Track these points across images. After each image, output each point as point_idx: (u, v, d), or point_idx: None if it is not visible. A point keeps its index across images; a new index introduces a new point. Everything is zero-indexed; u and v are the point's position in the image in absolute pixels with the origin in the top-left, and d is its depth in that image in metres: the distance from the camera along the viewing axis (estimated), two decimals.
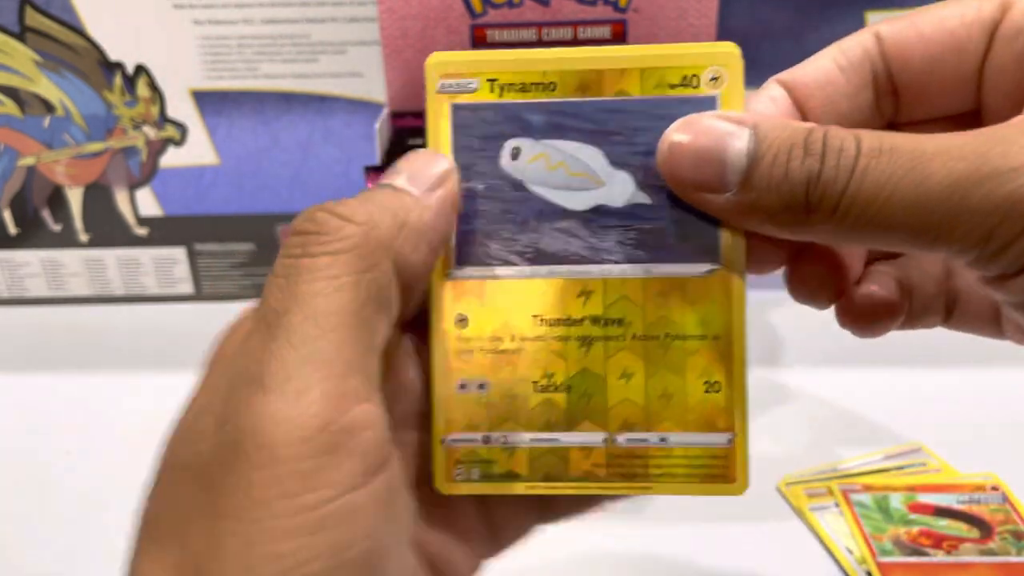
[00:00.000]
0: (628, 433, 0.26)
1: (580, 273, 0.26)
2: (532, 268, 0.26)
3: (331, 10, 0.59)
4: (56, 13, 0.59)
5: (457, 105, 0.25)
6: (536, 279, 0.26)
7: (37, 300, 0.69)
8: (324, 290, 0.21)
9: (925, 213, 0.21)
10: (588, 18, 0.54)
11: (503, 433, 0.26)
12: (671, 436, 0.26)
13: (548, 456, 0.26)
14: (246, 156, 0.64)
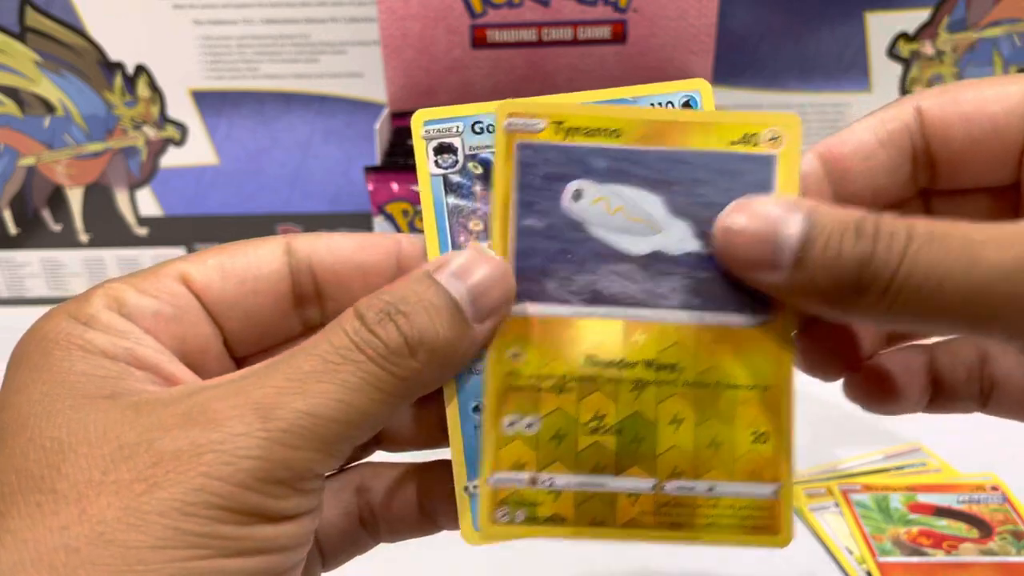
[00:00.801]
0: (676, 481, 0.25)
1: (635, 316, 0.25)
2: (589, 308, 0.25)
3: (331, 10, 0.59)
4: (56, 13, 0.59)
5: (523, 144, 0.25)
6: (592, 319, 0.25)
7: (37, 300, 0.69)
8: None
9: (976, 299, 0.21)
10: (588, 18, 0.54)
11: (550, 475, 0.25)
12: (718, 485, 0.25)
13: (595, 501, 0.25)
14: (246, 156, 0.64)
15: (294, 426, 0.20)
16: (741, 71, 0.61)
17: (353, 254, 0.25)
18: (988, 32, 0.60)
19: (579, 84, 0.56)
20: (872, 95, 0.62)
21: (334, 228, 0.66)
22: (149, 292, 0.23)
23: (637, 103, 0.25)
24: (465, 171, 0.25)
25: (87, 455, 0.20)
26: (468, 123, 0.25)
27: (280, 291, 0.25)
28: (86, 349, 0.22)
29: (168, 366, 0.23)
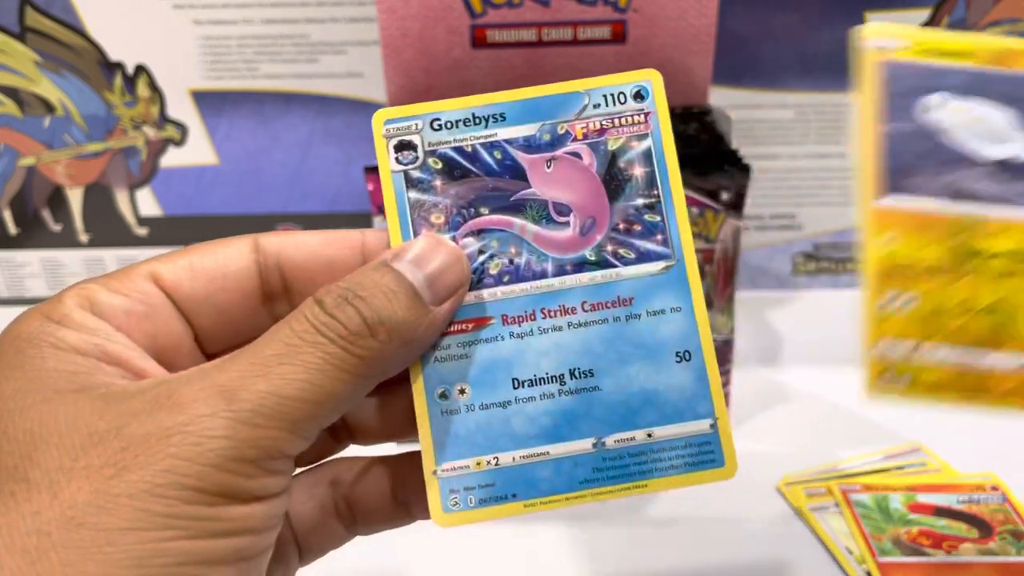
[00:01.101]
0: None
1: (997, 211, 0.29)
2: (954, 204, 0.29)
3: (331, 10, 0.59)
4: (56, 13, 0.59)
5: (888, 62, 0.30)
6: (957, 215, 0.29)
7: (37, 300, 0.69)
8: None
9: None
10: (588, 18, 0.54)
11: (932, 345, 0.29)
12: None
13: (973, 373, 0.29)
14: (246, 156, 0.64)
15: (259, 406, 0.21)
16: (741, 71, 0.61)
17: (319, 249, 0.26)
18: (988, 32, 0.60)
19: None
20: None
21: (335, 228, 0.66)
22: (120, 291, 0.24)
23: (588, 95, 0.27)
24: (425, 166, 0.26)
25: (58, 444, 0.21)
26: (427, 120, 0.26)
27: (249, 288, 0.26)
28: (57, 346, 0.22)
29: (138, 361, 0.23)
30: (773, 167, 0.65)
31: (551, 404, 0.25)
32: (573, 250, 0.26)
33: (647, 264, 0.26)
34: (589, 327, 0.26)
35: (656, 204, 0.26)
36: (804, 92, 0.62)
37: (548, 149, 0.26)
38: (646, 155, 0.26)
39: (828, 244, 0.67)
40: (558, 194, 0.26)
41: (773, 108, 0.63)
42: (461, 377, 0.25)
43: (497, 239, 0.26)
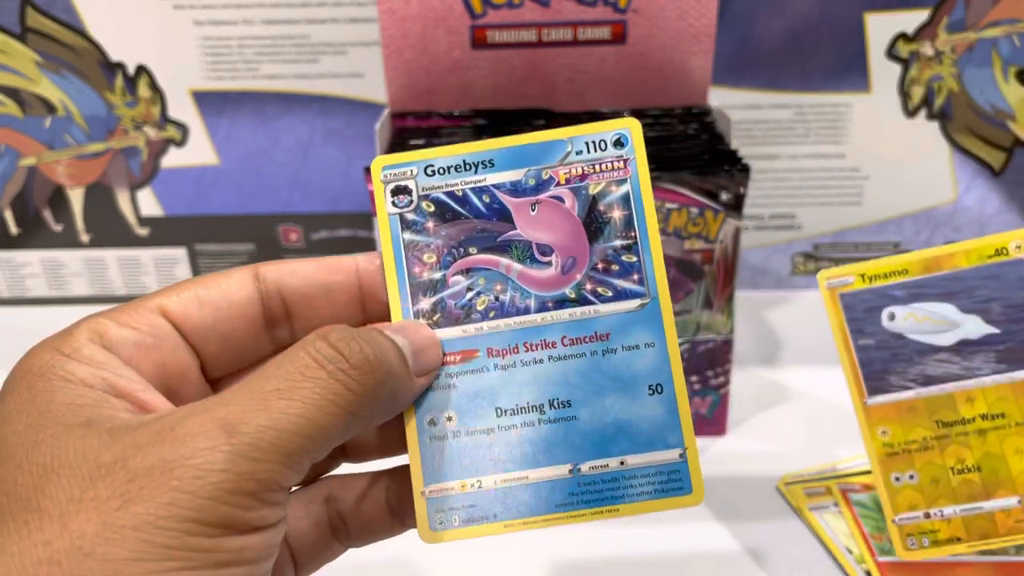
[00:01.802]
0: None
1: (963, 387, 0.37)
2: (925, 388, 0.38)
3: (331, 11, 0.60)
4: (57, 14, 0.59)
5: (843, 294, 0.39)
6: (931, 396, 0.38)
7: (38, 300, 0.69)
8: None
9: None
10: (588, 19, 0.54)
11: (939, 508, 0.37)
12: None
13: (979, 520, 0.37)
14: (246, 156, 0.64)
15: (258, 440, 0.22)
16: (741, 71, 0.61)
17: (316, 275, 0.27)
18: (987, 32, 0.60)
19: (579, 84, 0.56)
20: (871, 95, 0.62)
21: (335, 228, 0.66)
22: (129, 324, 0.25)
23: (571, 142, 0.28)
24: (419, 209, 0.28)
25: (68, 476, 0.21)
26: (421, 166, 0.28)
27: (252, 315, 0.27)
28: (67, 379, 0.23)
29: (142, 394, 0.24)
30: (772, 167, 0.65)
31: (531, 432, 0.27)
32: (554, 288, 0.28)
33: (623, 302, 0.28)
34: (568, 360, 0.27)
35: (633, 245, 0.28)
36: (803, 92, 0.62)
37: (533, 193, 0.28)
38: (624, 199, 0.28)
39: (827, 244, 0.67)
40: (541, 236, 0.28)
41: (773, 108, 0.63)
42: (449, 405, 0.27)
43: (484, 277, 0.28)
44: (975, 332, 0.37)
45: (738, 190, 0.47)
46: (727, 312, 0.49)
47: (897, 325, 0.38)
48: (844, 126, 0.63)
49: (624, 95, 0.56)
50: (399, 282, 0.28)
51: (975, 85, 0.62)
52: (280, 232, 0.66)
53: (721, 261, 0.48)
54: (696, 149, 0.50)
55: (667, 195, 0.46)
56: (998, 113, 0.63)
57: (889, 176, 0.65)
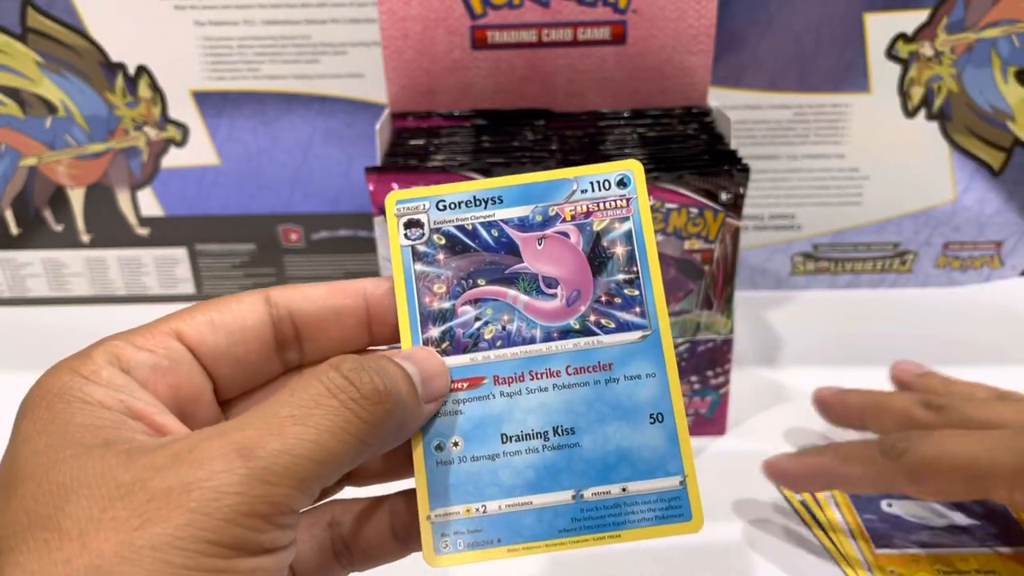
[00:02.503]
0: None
1: (957, 551, 0.43)
2: (925, 549, 0.43)
3: (332, 11, 0.60)
4: (58, 14, 0.59)
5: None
6: (930, 553, 0.43)
7: (39, 300, 0.69)
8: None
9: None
10: (588, 19, 0.54)
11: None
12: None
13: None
14: (247, 157, 0.64)
15: (273, 464, 0.22)
16: (740, 72, 0.62)
17: (326, 299, 0.28)
18: (987, 33, 0.60)
19: (579, 85, 0.56)
20: (871, 96, 0.62)
21: (335, 228, 0.66)
22: (146, 347, 0.26)
23: (576, 182, 0.29)
24: (430, 242, 0.29)
25: (88, 496, 0.22)
26: (433, 201, 0.29)
27: (264, 339, 0.28)
28: (85, 401, 0.24)
29: (158, 417, 0.25)
30: (772, 167, 0.65)
31: (535, 458, 0.28)
32: (559, 319, 0.29)
33: (626, 333, 0.29)
34: (572, 389, 0.28)
35: (635, 280, 0.29)
36: (803, 93, 0.62)
37: (539, 229, 0.29)
38: (627, 236, 0.29)
39: (827, 244, 0.67)
40: (547, 269, 0.29)
41: (772, 109, 0.63)
42: (455, 431, 0.28)
43: (492, 307, 0.29)
44: (962, 521, 0.43)
45: (738, 190, 0.47)
46: (727, 312, 0.50)
47: (894, 511, 0.45)
48: (844, 126, 0.63)
49: (624, 95, 0.56)
50: (410, 310, 0.29)
51: (974, 85, 0.62)
52: (280, 232, 0.67)
53: (720, 261, 0.48)
54: (696, 149, 0.50)
55: (667, 195, 0.46)
56: (997, 113, 0.63)
57: (889, 176, 0.65)
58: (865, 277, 0.69)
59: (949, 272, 0.68)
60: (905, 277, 0.69)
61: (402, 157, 0.50)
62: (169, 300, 0.69)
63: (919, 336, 0.62)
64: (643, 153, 0.50)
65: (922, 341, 0.62)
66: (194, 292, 0.69)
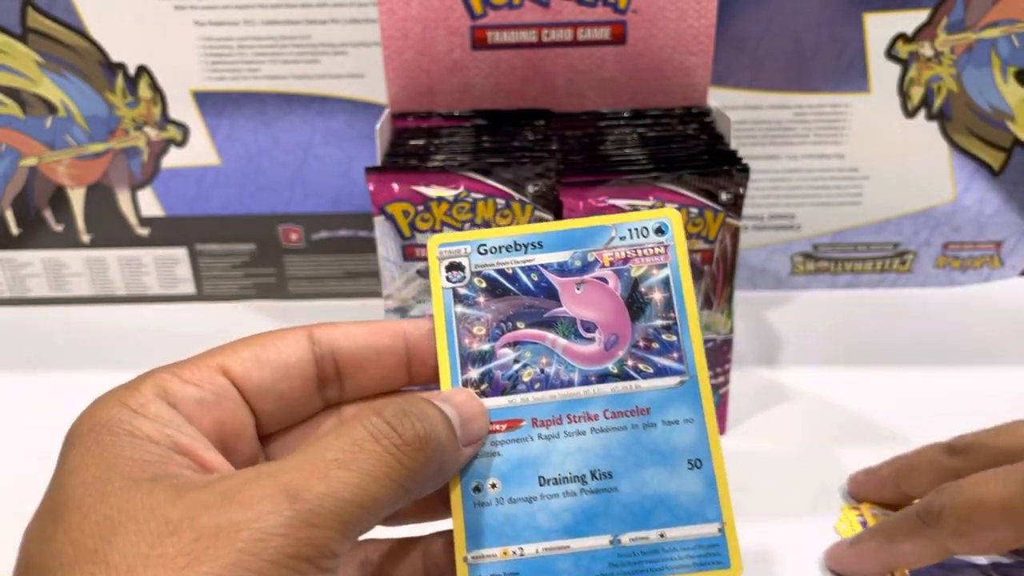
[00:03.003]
0: None
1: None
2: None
3: (332, 11, 0.60)
4: (58, 14, 0.59)
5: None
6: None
7: (39, 300, 0.69)
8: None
9: None
10: (588, 19, 0.54)
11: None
12: None
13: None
14: (247, 157, 0.64)
15: (318, 507, 0.23)
16: (740, 72, 0.62)
17: (367, 339, 0.29)
18: (986, 33, 0.60)
19: (579, 85, 0.56)
20: (871, 96, 0.62)
21: (335, 228, 0.66)
22: (192, 381, 0.27)
23: (615, 228, 0.30)
24: (471, 285, 0.30)
25: (136, 531, 0.22)
26: (475, 245, 0.30)
27: (307, 376, 0.28)
28: (134, 435, 0.24)
29: (203, 453, 0.25)
30: (772, 167, 0.65)
31: (573, 501, 0.28)
32: (597, 363, 0.29)
33: (663, 378, 0.29)
34: (610, 433, 0.28)
35: (672, 325, 0.29)
36: (803, 93, 0.62)
37: (578, 274, 0.30)
38: (664, 282, 0.30)
39: (827, 244, 0.67)
40: (586, 313, 0.29)
41: (772, 109, 0.63)
42: (493, 472, 0.28)
43: (530, 350, 0.29)
44: (1006, 560, 0.41)
45: (738, 190, 0.47)
46: (726, 312, 0.50)
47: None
48: (843, 126, 0.63)
49: (624, 96, 0.56)
50: (450, 352, 0.29)
51: (974, 85, 0.62)
52: (280, 232, 0.67)
53: (720, 261, 0.48)
54: (696, 149, 0.50)
55: (667, 195, 0.46)
56: (997, 113, 0.63)
57: (888, 176, 0.65)
58: (865, 277, 0.69)
59: (949, 272, 0.68)
60: (905, 277, 0.69)
61: (402, 157, 0.50)
62: (169, 300, 0.69)
63: (919, 336, 0.62)
64: (643, 153, 0.50)
65: (922, 341, 0.62)
66: (194, 292, 0.69)
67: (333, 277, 0.68)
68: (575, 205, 0.47)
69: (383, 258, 0.49)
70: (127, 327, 0.66)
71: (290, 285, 0.69)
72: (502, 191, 0.47)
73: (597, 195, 0.46)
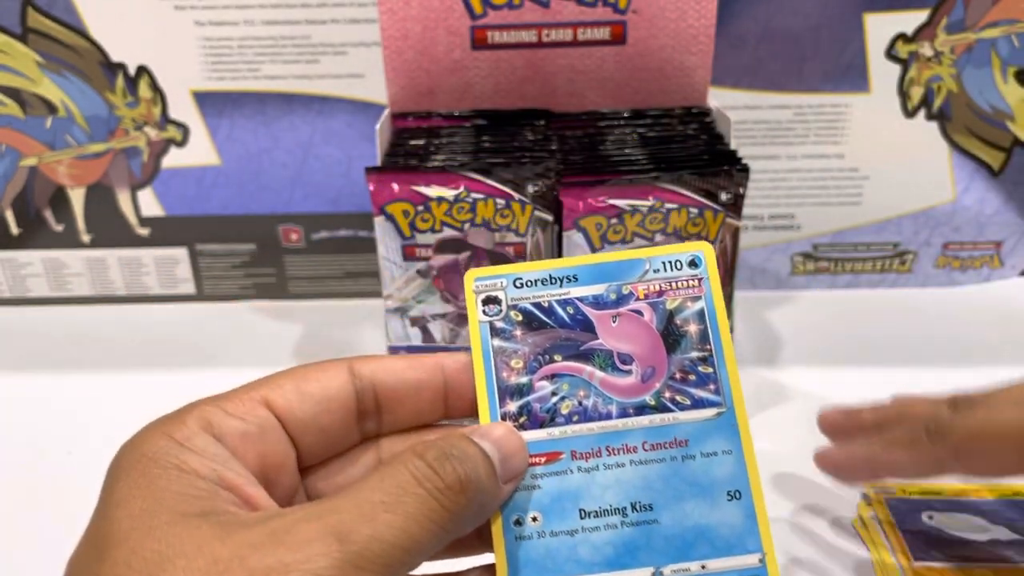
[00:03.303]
0: None
1: (997, 567, 0.41)
2: (966, 563, 0.41)
3: (332, 11, 0.60)
4: (58, 14, 0.59)
5: (888, 499, 0.45)
6: (970, 568, 0.41)
7: (39, 300, 0.69)
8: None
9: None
10: (588, 19, 0.54)
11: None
12: None
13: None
14: (247, 157, 0.64)
15: (365, 549, 0.23)
16: (740, 72, 0.62)
17: (407, 373, 0.29)
18: (986, 33, 0.60)
19: (579, 85, 0.56)
20: (871, 96, 0.62)
21: (335, 228, 0.66)
22: (236, 414, 0.27)
23: (649, 262, 0.30)
24: (507, 318, 0.30)
25: (185, 567, 0.22)
26: (511, 279, 0.30)
27: (348, 409, 0.29)
28: (181, 469, 0.24)
29: (247, 488, 0.26)
30: (772, 167, 0.65)
31: (614, 534, 0.28)
32: (635, 395, 0.29)
33: (701, 410, 0.29)
34: (649, 465, 0.28)
35: (708, 357, 0.29)
36: (803, 93, 0.62)
37: (614, 306, 0.30)
38: (699, 314, 0.30)
39: (826, 244, 0.68)
40: (622, 346, 0.29)
41: (772, 109, 0.63)
42: (534, 506, 0.28)
43: (568, 383, 0.29)
44: (1004, 536, 0.42)
45: (737, 190, 0.47)
46: (726, 312, 0.50)
47: (935, 523, 0.44)
48: (843, 126, 0.63)
49: (624, 96, 0.56)
50: (488, 385, 0.29)
51: (974, 85, 0.62)
52: (280, 232, 0.67)
53: (720, 261, 0.48)
54: (696, 149, 0.50)
55: (667, 195, 0.46)
56: (997, 113, 0.63)
57: (888, 176, 0.65)
58: (865, 277, 0.69)
59: (949, 272, 0.68)
60: (905, 277, 0.69)
61: (402, 157, 0.50)
62: (169, 300, 0.69)
63: (919, 336, 0.62)
64: (643, 153, 0.50)
65: (922, 341, 0.62)
66: (194, 292, 0.69)
67: (333, 277, 0.68)
68: (575, 205, 0.47)
69: (383, 258, 0.49)
70: (127, 327, 0.66)
71: (290, 285, 0.69)
72: (502, 191, 0.47)
73: (597, 195, 0.46)
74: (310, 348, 0.63)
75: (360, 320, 0.66)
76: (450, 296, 0.50)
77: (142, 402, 0.58)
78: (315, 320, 0.67)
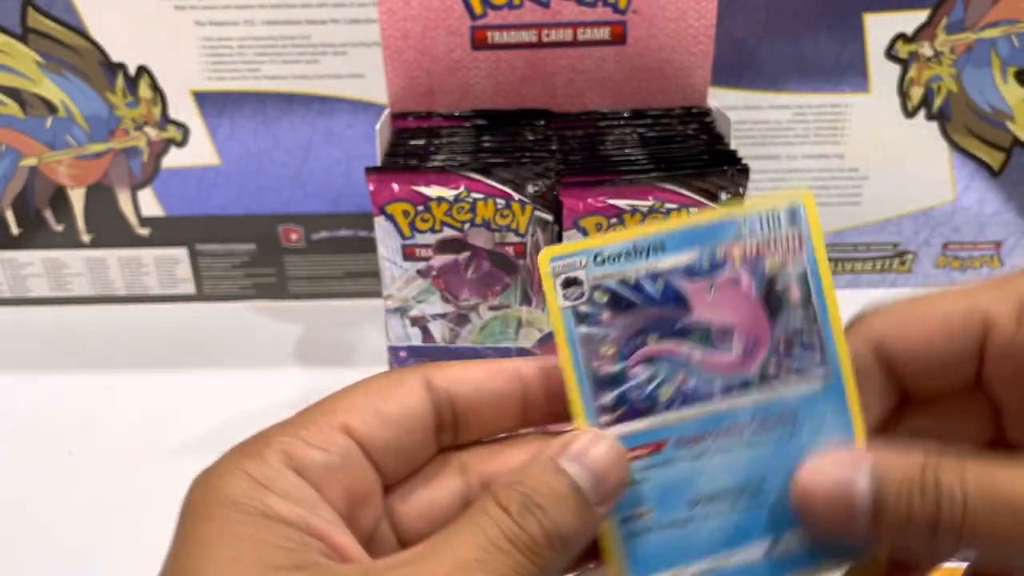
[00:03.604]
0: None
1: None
2: None
3: (332, 11, 0.60)
4: (58, 14, 0.59)
5: None
6: None
7: (39, 300, 0.69)
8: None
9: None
10: (588, 19, 0.54)
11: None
12: None
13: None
14: (247, 157, 0.64)
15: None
16: (740, 72, 0.62)
17: (484, 384, 0.28)
18: (986, 33, 0.60)
19: (579, 85, 0.56)
20: (871, 96, 0.62)
21: (335, 228, 0.66)
22: (318, 445, 0.25)
23: (744, 220, 0.27)
24: (592, 301, 0.27)
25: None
26: (590, 255, 0.27)
27: (427, 426, 0.27)
28: (267, 515, 0.23)
29: (336, 536, 0.24)
30: (772, 167, 0.65)
31: (726, 516, 0.27)
32: (737, 372, 0.27)
33: (807, 383, 0.27)
34: (757, 443, 0.27)
35: (814, 323, 0.27)
36: (802, 93, 0.62)
37: (708, 275, 0.27)
38: (801, 277, 0.27)
39: (827, 244, 0.67)
40: (720, 319, 0.27)
41: (772, 109, 0.63)
42: (643, 500, 0.27)
43: (666, 366, 0.27)
44: None
45: (738, 190, 0.47)
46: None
47: None
48: (843, 126, 0.63)
49: (624, 96, 0.56)
50: (578, 378, 0.27)
51: (974, 85, 0.62)
52: (280, 232, 0.67)
53: None
54: (696, 149, 0.50)
55: (667, 195, 0.46)
56: (997, 113, 0.63)
57: (888, 176, 0.65)
58: (865, 277, 0.69)
59: (949, 272, 0.68)
60: (905, 277, 0.69)
61: (402, 157, 0.50)
62: (169, 300, 0.69)
63: None
64: (643, 153, 0.50)
65: None
66: (194, 292, 0.69)
67: (333, 277, 0.68)
68: (575, 205, 0.47)
69: (383, 258, 0.49)
70: (127, 327, 0.66)
71: (290, 285, 0.69)
72: (502, 191, 0.47)
73: (597, 195, 0.46)
74: (310, 348, 0.63)
75: (360, 320, 0.66)
76: (450, 296, 0.50)
77: (142, 402, 0.59)
78: (315, 320, 0.67)
